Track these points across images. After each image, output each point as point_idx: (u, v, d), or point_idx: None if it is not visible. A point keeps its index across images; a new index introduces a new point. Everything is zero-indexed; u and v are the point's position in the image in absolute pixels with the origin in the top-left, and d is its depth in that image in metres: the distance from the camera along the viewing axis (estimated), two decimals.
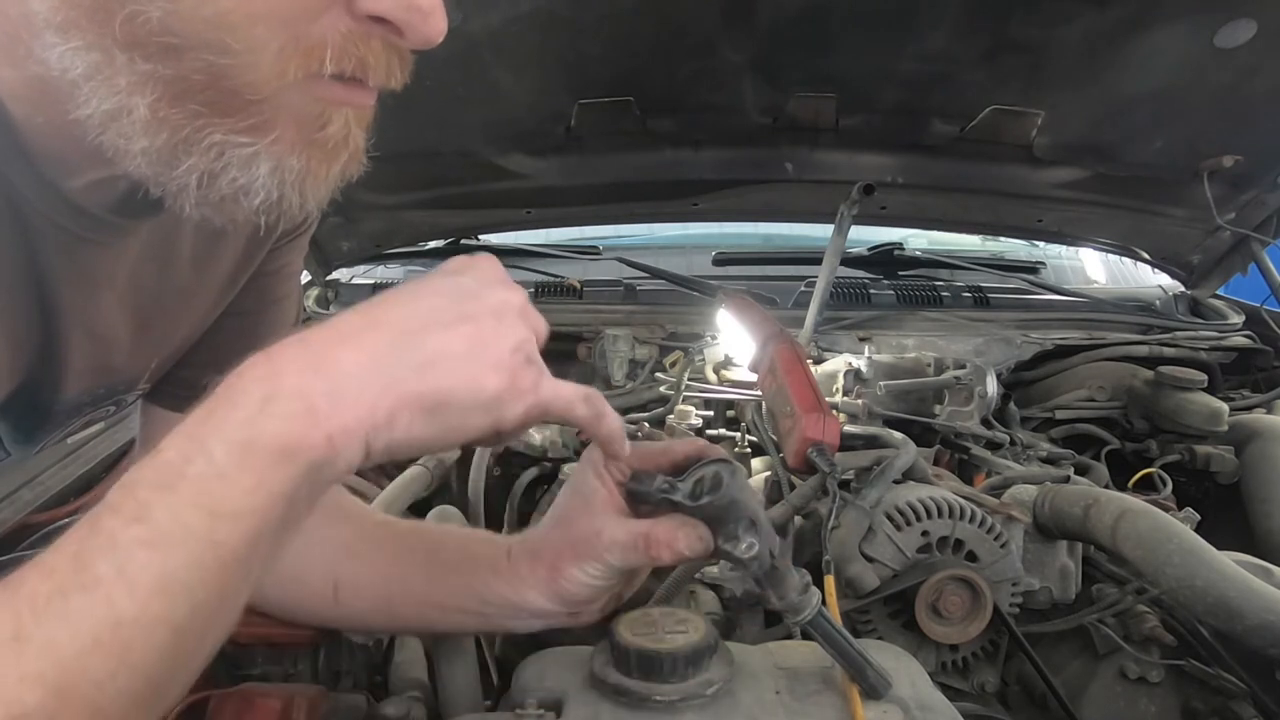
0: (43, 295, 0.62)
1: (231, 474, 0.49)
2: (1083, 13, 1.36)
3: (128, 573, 0.46)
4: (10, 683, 0.43)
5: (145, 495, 0.48)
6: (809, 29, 1.44)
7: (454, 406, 0.54)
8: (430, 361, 0.54)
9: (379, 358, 0.53)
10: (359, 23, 0.51)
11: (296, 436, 0.50)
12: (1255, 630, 0.79)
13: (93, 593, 0.46)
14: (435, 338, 0.54)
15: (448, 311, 0.55)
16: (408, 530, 0.85)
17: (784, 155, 1.80)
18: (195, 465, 0.49)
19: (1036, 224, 1.96)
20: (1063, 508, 0.99)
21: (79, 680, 0.45)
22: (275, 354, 0.52)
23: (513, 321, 0.57)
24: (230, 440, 0.49)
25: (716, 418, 1.47)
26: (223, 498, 0.48)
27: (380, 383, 0.52)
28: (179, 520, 0.48)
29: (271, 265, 0.82)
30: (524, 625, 0.77)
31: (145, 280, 0.70)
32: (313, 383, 0.51)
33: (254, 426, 0.50)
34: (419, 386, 0.53)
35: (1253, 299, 1.92)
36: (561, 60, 1.50)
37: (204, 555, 0.48)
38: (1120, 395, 1.62)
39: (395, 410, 0.53)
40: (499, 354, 0.55)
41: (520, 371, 0.56)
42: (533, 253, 2.12)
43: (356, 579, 0.79)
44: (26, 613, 0.45)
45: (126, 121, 0.50)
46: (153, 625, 0.47)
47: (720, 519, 0.66)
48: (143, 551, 0.47)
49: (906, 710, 0.65)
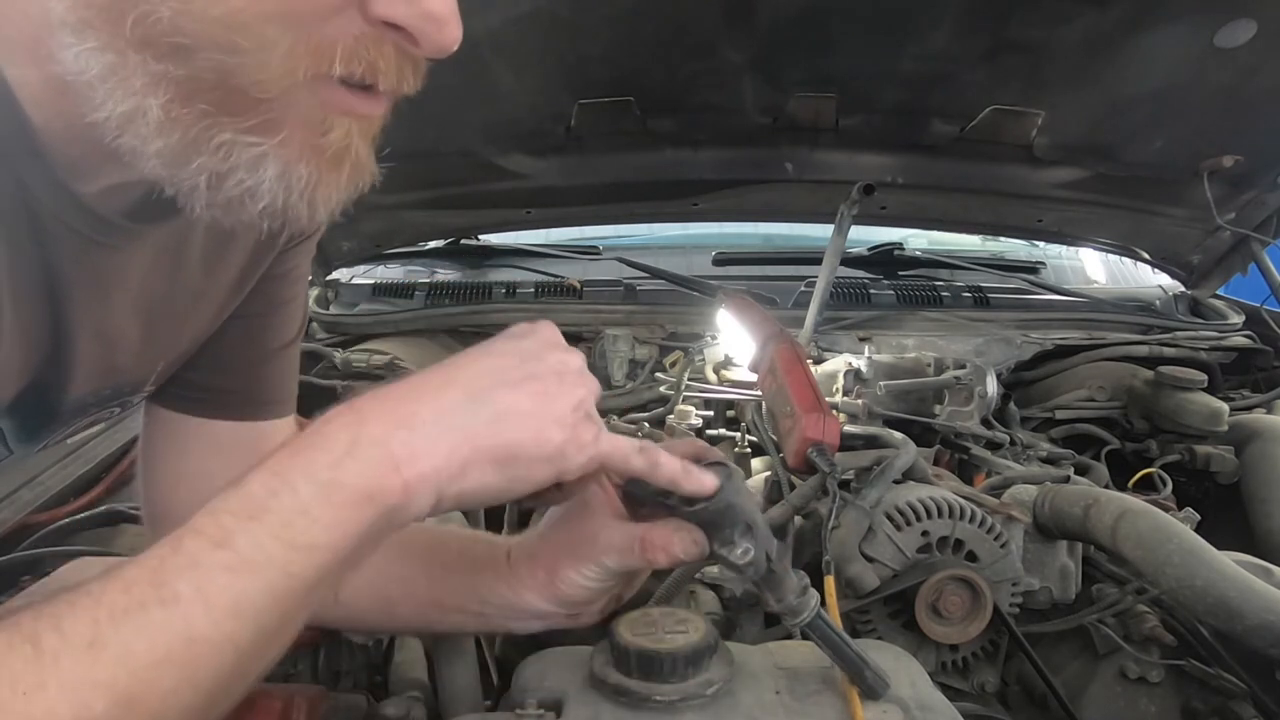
0: (54, 297, 0.62)
1: (314, 511, 0.53)
2: (1083, 13, 1.36)
3: (206, 593, 0.49)
4: (83, 688, 0.45)
5: (229, 523, 0.52)
6: (809, 29, 1.44)
7: (521, 459, 0.59)
8: (500, 417, 0.59)
9: (453, 413, 0.58)
10: (372, 26, 0.52)
11: (377, 482, 0.54)
12: (1255, 630, 0.79)
13: (171, 609, 0.48)
14: (504, 395, 0.59)
15: (515, 371, 0.61)
16: (409, 531, 0.85)
17: (784, 155, 1.80)
18: (280, 499, 0.53)
19: (1036, 224, 1.96)
20: (1063, 508, 0.99)
21: (147, 692, 0.47)
22: (360, 405, 0.57)
23: (574, 381, 0.62)
24: (316, 480, 0.53)
25: (716, 418, 1.47)
26: (303, 532, 0.52)
27: (455, 436, 0.57)
28: (260, 549, 0.51)
29: (279, 269, 0.82)
30: (523, 626, 0.77)
31: (155, 283, 0.70)
32: (393, 433, 0.56)
33: (339, 469, 0.54)
34: (490, 440, 0.58)
35: (1253, 299, 1.92)
36: (561, 60, 1.50)
37: (278, 583, 0.51)
38: (1120, 395, 1.62)
39: (469, 461, 0.57)
40: (562, 410, 0.60)
41: (581, 426, 0.61)
42: (533, 253, 2.12)
43: (357, 579, 0.79)
44: (105, 621, 0.47)
45: (141, 123, 0.51)
46: (222, 645, 0.50)
47: (716, 523, 0.66)
48: (223, 575, 0.50)
49: (906, 710, 0.65)
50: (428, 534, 0.84)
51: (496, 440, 0.58)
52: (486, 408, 0.58)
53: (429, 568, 0.78)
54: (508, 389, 0.60)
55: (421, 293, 1.93)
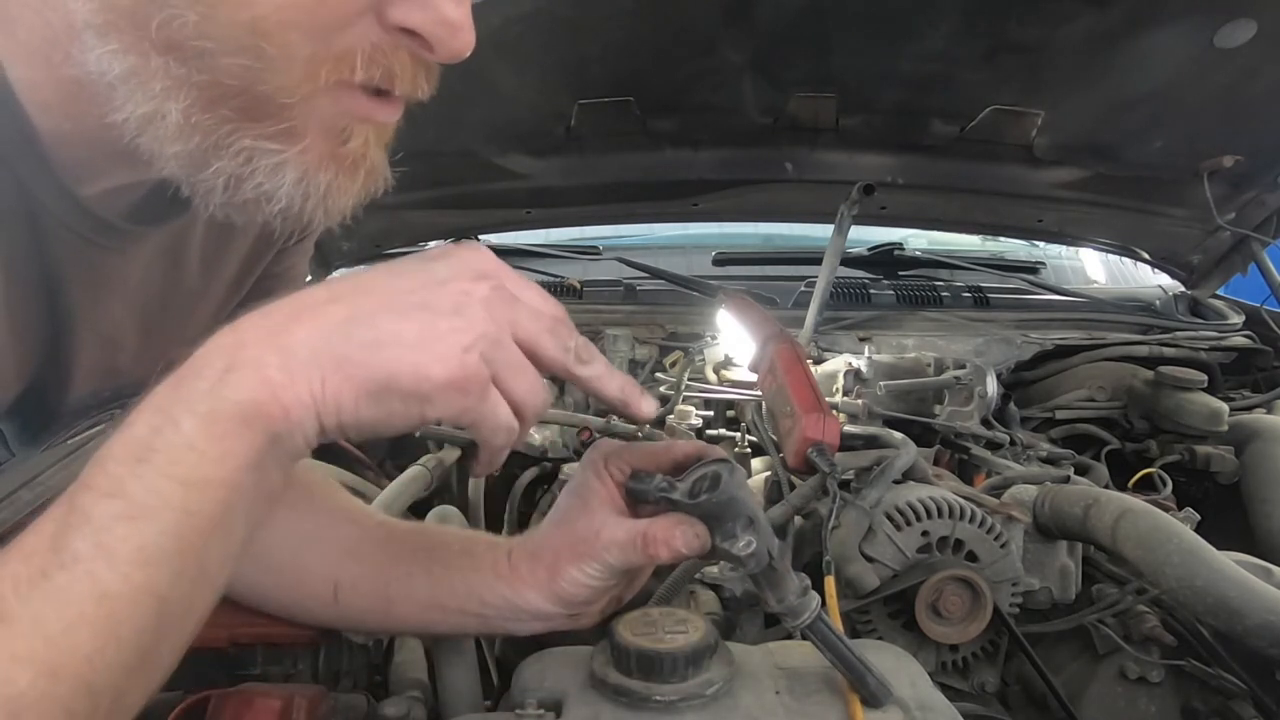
0: (54, 299, 0.62)
1: (199, 444, 0.50)
2: (1083, 13, 1.36)
3: (107, 546, 0.47)
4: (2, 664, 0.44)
5: (116, 469, 0.49)
6: (809, 29, 1.44)
7: (397, 393, 0.53)
8: (376, 344, 0.53)
9: (330, 334, 0.52)
10: (389, 34, 0.52)
11: (255, 407, 0.51)
12: (1255, 630, 0.79)
13: (73, 569, 0.46)
14: (387, 321, 0.53)
15: (410, 295, 0.54)
16: (408, 531, 0.85)
17: (784, 155, 1.80)
18: (164, 436, 0.50)
19: (1036, 224, 1.96)
20: (1063, 508, 0.99)
21: (69, 657, 0.46)
22: (239, 325, 0.53)
23: (473, 315, 0.54)
24: (195, 411, 0.50)
25: (716, 418, 1.47)
26: (193, 467, 0.49)
27: (327, 359, 0.52)
28: (152, 491, 0.48)
29: (276, 268, 0.83)
30: (523, 627, 0.76)
31: (154, 285, 0.70)
32: (267, 355, 0.52)
33: (216, 397, 0.50)
34: (361, 370, 0.52)
35: (1253, 299, 1.92)
36: (561, 60, 1.50)
37: (180, 524, 0.49)
38: (1120, 395, 1.62)
39: (341, 389, 0.52)
40: (448, 348, 0.53)
41: (473, 371, 0.54)
42: (533, 253, 2.12)
43: (356, 579, 0.79)
44: (10, 594, 0.46)
45: (160, 125, 0.51)
46: (137, 596, 0.47)
47: (718, 517, 0.66)
48: (120, 525, 0.48)
49: (907, 710, 0.65)
50: (428, 535, 0.84)
51: (367, 371, 0.52)
52: (365, 332, 0.53)
53: (429, 568, 0.78)
54: (394, 315, 0.53)
55: None
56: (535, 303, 0.58)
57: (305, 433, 0.53)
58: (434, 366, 0.53)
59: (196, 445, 0.49)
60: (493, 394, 0.55)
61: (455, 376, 0.53)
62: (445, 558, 0.78)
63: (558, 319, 0.59)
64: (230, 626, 0.82)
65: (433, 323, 0.53)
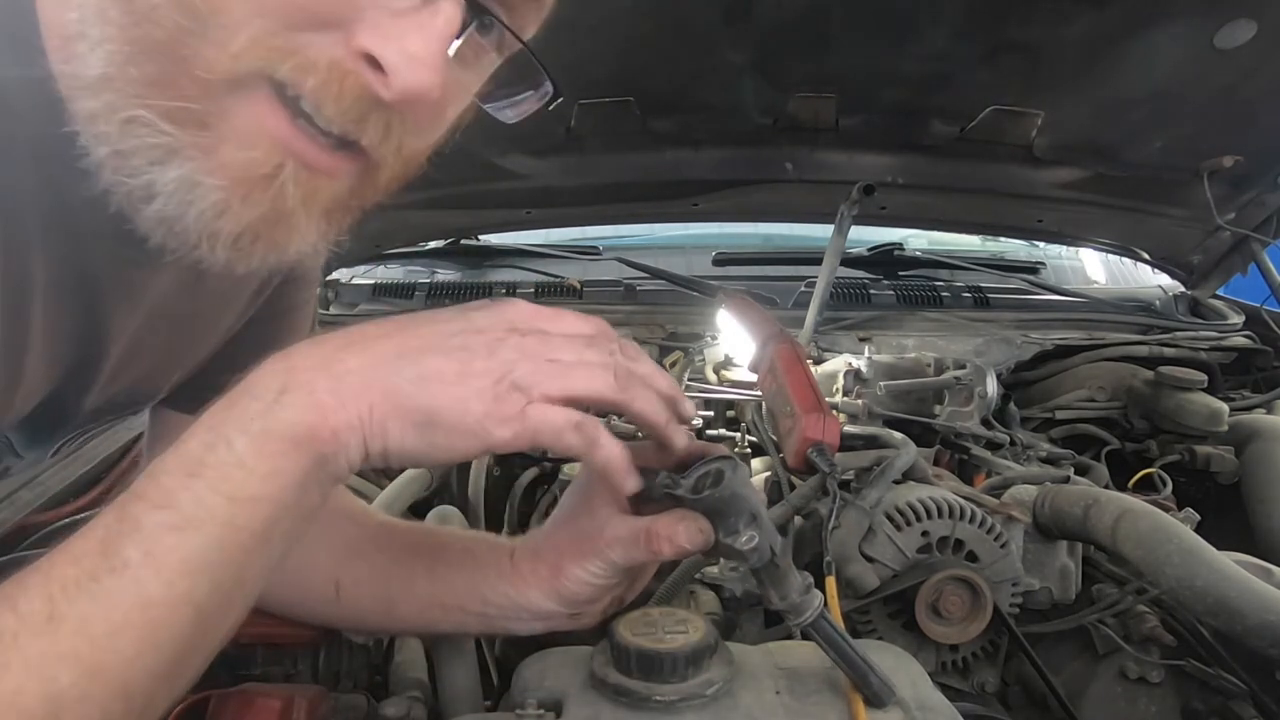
0: (90, 310, 0.63)
1: (250, 462, 0.52)
2: (1083, 13, 1.36)
3: (155, 555, 0.49)
4: (47, 661, 0.46)
5: (169, 482, 0.51)
6: (809, 29, 1.44)
7: (439, 425, 0.56)
8: (422, 379, 0.56)
9: (379, 367, 0.56)
10: (350, 57, 0.50)
11: (307, 429, 0.54)
12: (1255, 630, 0.79)
13: (122, 575, 0.48)
14: (432, 359, 0.57)
15: (452, 338, 0.58)
16: (410, 530, 0.85)
17: (784, 155, 1.79)
18: (216, 453, 0.52)
19: (1036, 224, 1.96)
20: (1063, 508, 0.99)
21: (110, 659, 0.47)
22: (292, 352, 0.56)
23: (505, 355, 0.58)
24: (248, 431, 0.53)
25: (716, 418, 1.47)
26: (241, 484, 0.52)
27: (376, 390, 0.55)
28: (202, 505, 0.51)
29: (292, 273, 0.83)
30: (525, 627, 0.77)
31: (178, 299, 0.71)
32: (320, 379, 0.55)
33: (270, 417, 0.53)
34: (409, 401, 0.56)
35: (1253, 299, 1.92)
36: (561, 60, 1.49)
37: (225, 538, 0.51)
38: (1120, 395, 1.62)
39: (389, 417, 0.55)
40: (484, 382, 0.57)
41: (505, 399, 0.57)
42: (533, 253, 2.12)
43: (358, 578, 0.79)
44: (59, 595, 0.47)
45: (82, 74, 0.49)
46: (178, 605, 0.50)
47: (721, 512, 0.66)
48: (169, 535, 0.50)
49: (907, 711, 0.65)
50: (430, 534, 0.84)
51: (415, 402, 0.56)
52: (412, 367, 0.57)
53: (431, 567, 0.78)
54: (438, 354, 0.57)
55: (421, 293, 1.93)
56: (574, 328, 0.62)
57: (350, 456, 0.56)
58: (471, 401, 0.57)
59: (246, 462, 0.52)
60: (534, 409, 0.58)
61: (491, 409, 0.57)
62: (447, 557, 0.78)
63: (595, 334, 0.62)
64: None
65: (470, 362, 0.57)
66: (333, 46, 0.50)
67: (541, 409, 0.58)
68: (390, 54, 0.50)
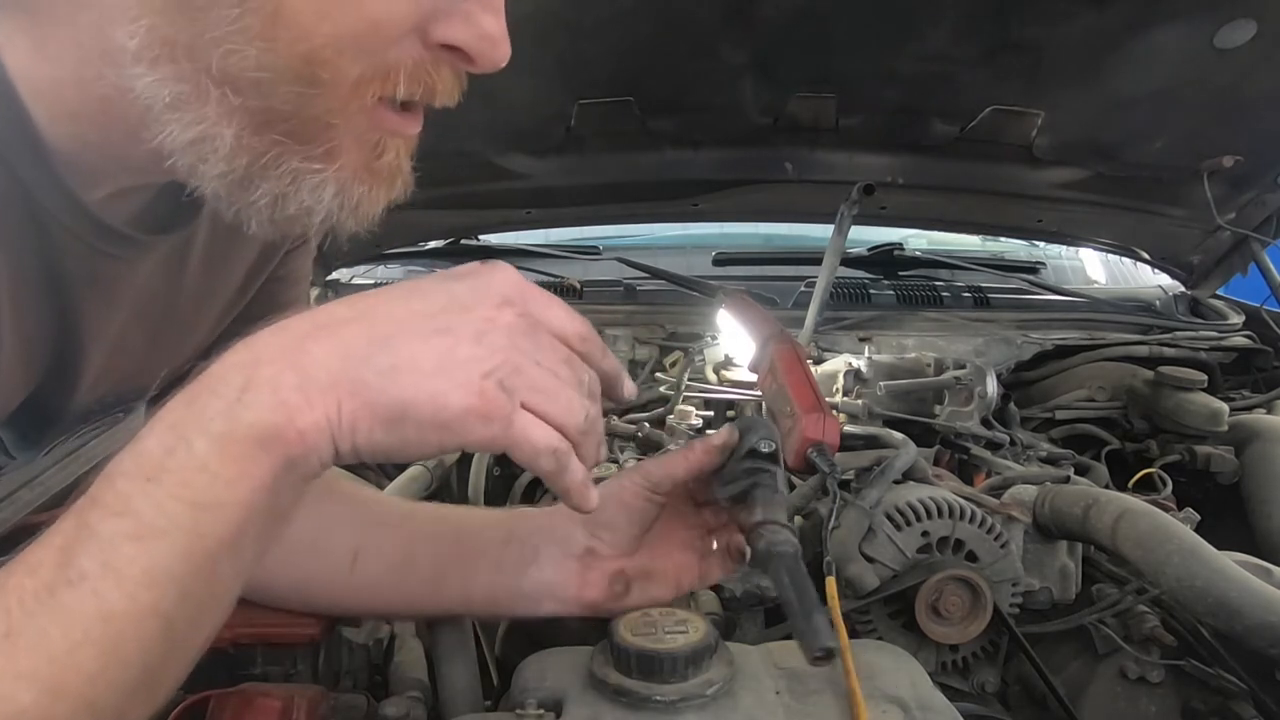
0: (62, 306, 0.62)
1: (213, 465, 0.48)
2: (1083, 13, 1.36)
3: (114, 566, 0.46)
4: (5, 680, 0.44)
5: (126, 486, 0.48)
6: (809, 29, 1.44)
7: (412, 420, 0.51)
8: (394, 370, 0.51)
9: (346, 357, 0.51)
10: (430, 50, 0.54)
11: (272, 429, 0.49)
12: (1255, 630, 0.79)
13: (79, 588, 0.46)
14: (406, 345, 0.52)
15: (431, 320, 0.53)
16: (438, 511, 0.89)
17: (784, 155, 1.80)
18: (176, 457, 0.48)
19: (1036, 224, 1.96)
20: (1063, 508, 0.99)
21: (72, 676, 0.45)
22: (256, 341, 0.52)
23: (494, 343, 0.53)
24: (208, 432, 0.49)
25: (716, 418, 1.47)
26: (205, 490, 0.48)
27: (345, 384, 0.51)
28: (162, 512, 0.47)
29: (280, 271, 0.83)
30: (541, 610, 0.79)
31: (160, 291, 0.71)
32: (285, 374, 0.50)
33: (231, 418, 0.49)
34: (378, 396, 0.51)
35: (1253, 299, 1.92)
36: (561, 60, 1.50)
37: (190, 547, 0.48)
38: (1120, 395, 1.62)
39: (357, 414, 0.51)
40: (467, 375, 0.51)
41: (492, 398, 0.52)
42: (533, 253, 2.12)
43: (380, 545, 0.80)
44: (15, 609, 0.45)
45: (209, 148, 0.53)
46: (143, 618, 0.47)
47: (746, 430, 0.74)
48: (128, 545, 0.47)
49: (906, 710, 0.65)
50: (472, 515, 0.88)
51: (386, 396, 0.51)
52: (384, 356, 0.51)
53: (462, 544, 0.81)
54: (414, 338, 0.52)
55: None
56: (560, 324, 0.57)
57: (320, 457, 0.51)
58: (451, 395, 0.51)
59: (209, 467, 0.48)
60: (520, 419, 0.53)
61: (474, 405, 0.51)
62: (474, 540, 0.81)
63: (583, 336, 0.58)
64: (230, 626, 0.81)
65: (452, 350, 0.52)
66: (414, 47, 0.54)
67: (529, 423, 0.53)
68: (471, 41, 0.54)
